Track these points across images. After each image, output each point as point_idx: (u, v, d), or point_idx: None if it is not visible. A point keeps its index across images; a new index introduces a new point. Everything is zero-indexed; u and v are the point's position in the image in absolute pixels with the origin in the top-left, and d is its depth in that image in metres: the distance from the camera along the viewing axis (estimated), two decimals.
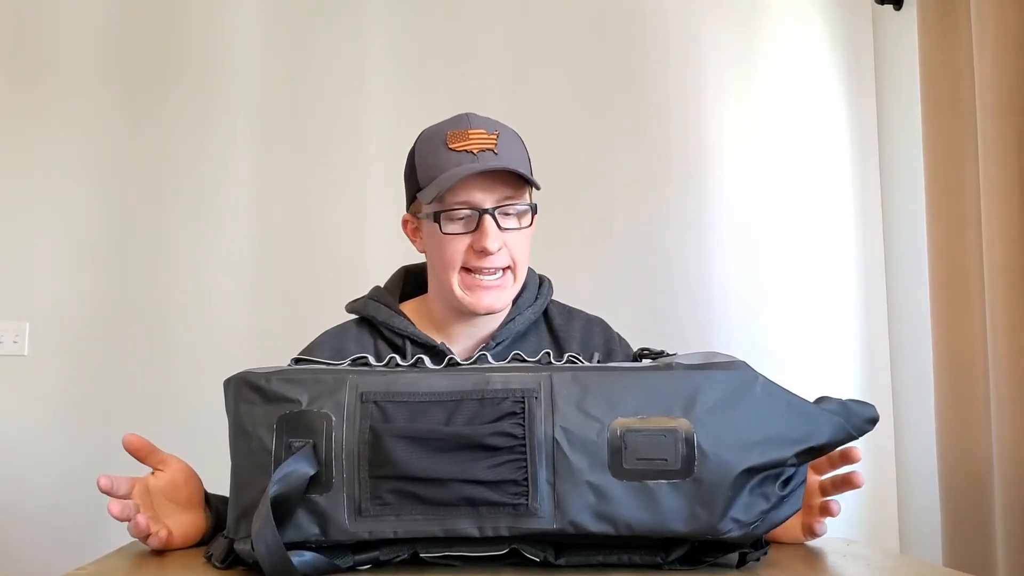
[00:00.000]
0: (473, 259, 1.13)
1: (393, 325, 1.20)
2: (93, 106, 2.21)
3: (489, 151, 1.11)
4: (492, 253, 1.11)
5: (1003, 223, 1.53)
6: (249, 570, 0.80)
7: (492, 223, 1.11)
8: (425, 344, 1.18)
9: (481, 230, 1.11)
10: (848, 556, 0.95)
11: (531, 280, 1.26)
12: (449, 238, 1.13)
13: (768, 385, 0.82)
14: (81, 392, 2.12)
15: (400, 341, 1.19)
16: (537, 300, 1.24)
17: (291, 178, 2.19)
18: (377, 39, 2.23)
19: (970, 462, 1.67)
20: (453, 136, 1.13)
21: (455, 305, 1.16)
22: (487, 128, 1.14)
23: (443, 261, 1.14)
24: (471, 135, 1.12)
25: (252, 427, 0.81)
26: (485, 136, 1.13)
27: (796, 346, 2.08)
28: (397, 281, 1.28)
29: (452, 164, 1.11)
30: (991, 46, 1.57)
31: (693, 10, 2.22)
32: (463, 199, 1.11)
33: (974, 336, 1.69)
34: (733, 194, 2.15)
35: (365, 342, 1.21)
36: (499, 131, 1.15)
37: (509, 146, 1.14)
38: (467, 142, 1.11)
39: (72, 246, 2.17)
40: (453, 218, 1.12)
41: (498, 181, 1.12)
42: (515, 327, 1.20)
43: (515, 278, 1.17)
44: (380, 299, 1.24)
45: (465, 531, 0.78)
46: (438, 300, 1.21)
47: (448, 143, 1.12)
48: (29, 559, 2.05)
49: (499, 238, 1.12)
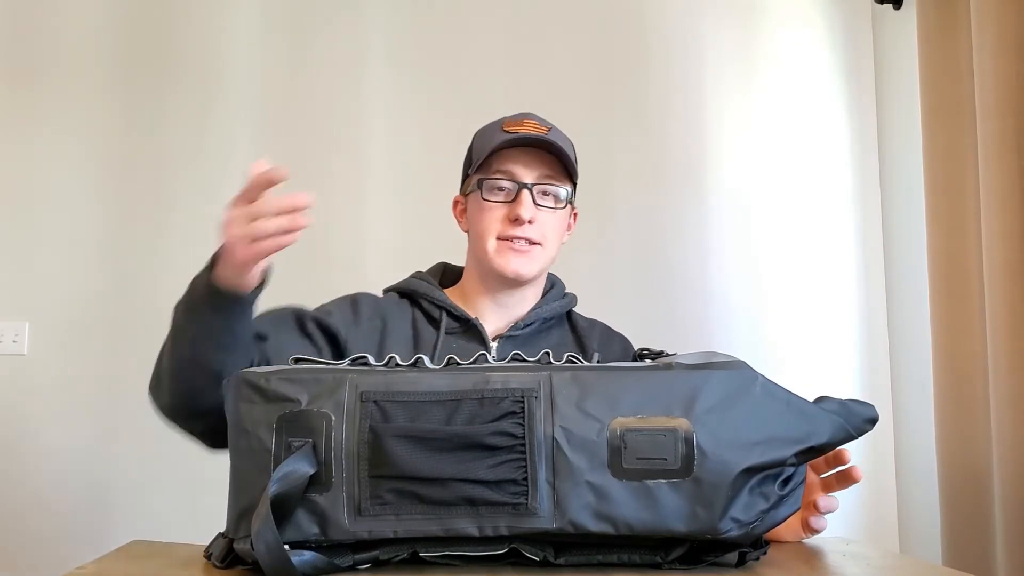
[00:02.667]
0: (507, 228, 1.22)
1: (433, 296, 1.27)
2: (93, 106, 2.21)
3: (540, 135, 1.21)
4: (525, 222, 1.20)
5: (1003, 223, 1.53)
6: (249, 570, 0.80)
7: (528, 196, 1.21)
8: (460, 317, 1.25)
9: (518, 200, 1.21)
10: (848, 555, 0.95)
11: (559, 284, 1.35)
12: (488, 205, 1.23)
13: (768, 385, 0.82)
14: (81, 392, 2.12)
15: (437, 312, 1.26)
16: (563, 299, 1.32)
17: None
18: (377, 39, 2.23)
19: (970, 462, 1.67)
20: (509, 122, 1.25)
21: (489, 271, 1.24)
22: (541, 122, 1.25)
23: (480, 228, 1.24)
24: (527, 122, 1.24)
25: (251, 426, 0.81)
26: (539, 126, 1.24)
27: (796, 346, 2.08)
28: (436, 270, 1.36)
29: (502, 139, 1.21)
30: (991, 46, 1.57)
31: (693, 10, 2.22)
32: (506, 168, 1.22)
33: (974, 336, 1.69)
34: (733, 194, 2.15)
35: (404, 312, 1.27)
36: (553, 127, 1.26)
37: (559, 137, 1.25)
38: (521, 126, 1.23)
39: (72, 246, 2.17)
40: (494, 187, 1.23)
41: (541, 162, 1.23)
42: (542, 313, 1.27)
43: (542, 254, 1.24)
44: (422, 277, 1.32)
45: (465, 530, 0.78)
46: (473, 274, 1.29)
47: (504, 126, 1.24)
48: (29, 559, 2.05)
49: (532, 210, 1.21)
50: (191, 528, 1.06)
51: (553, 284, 1.34)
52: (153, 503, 2.04)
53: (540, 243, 1.23)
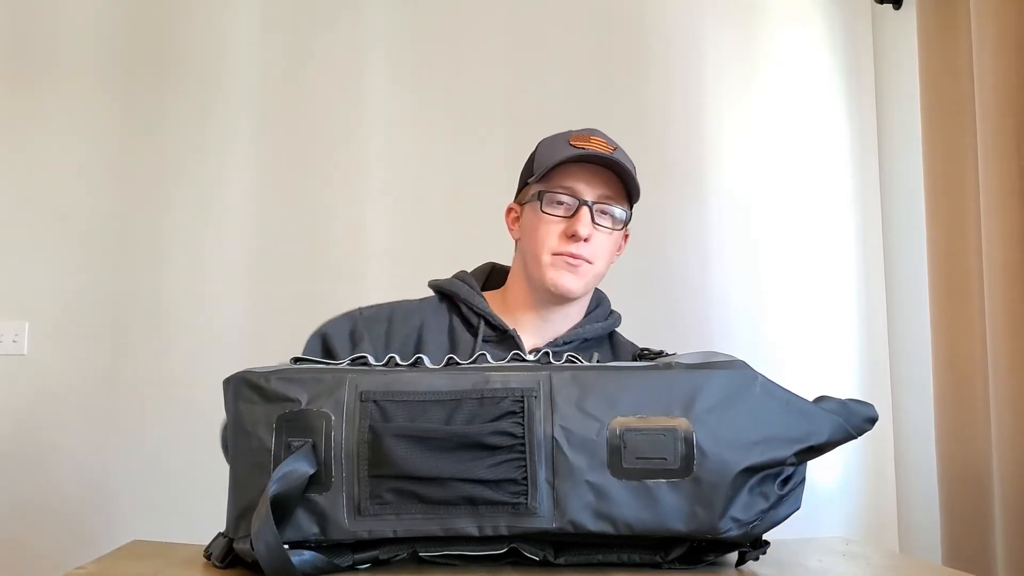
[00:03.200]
0: (563, 243, 1.20)
1: (473, 303, 1.25)
2: (93, 106, 2.21)
3: (606, 154, 1.20)
4: (582, 239, 1.19)
5: (1003, 223, 1.53)
6: (249, 569, 0.80)
7: (588, 214, 1.20)
8: (498, 327, 1.24)
9: (577, 217, 1.20)
10: (847, 555, 0.95)
11: (605, 303, 1.33)
12: (547, 218, 1.21)
13: (767, 384, 0.82)
14: (81, 392, 2.12)
15: (476, 320, 1.25)
16: (607, 319, 1.30)
17: (290, 178, 2.19)
18: (377, 41, 2.23)
19: (969, 461, 1.67)
20: (577, 136, 1.23)
21: (537, 284, 1.22)
22: (609, 141, 1.23)
23: (535, 241, 1.22)
24: (593, 139, 1.22)
25: (251, 426, 0.81)
26: (605, 144, 1.22)
27: (796, 346, 2.08)
28: (483, 271, 1.35)
29: (568, 154, 1.20)
30: (991, 46, 1.57)
31: (693, 10, 2.22)
32: (568, 184, 1.21)
33: (974, 336, 1.69)
34: (733, 194, 2.15)
35: (441, 316, 1.26)
36: (618, 146, 1.24)
37: (624, 157, 1.23)
38: (588, 143, 1.21)
39: (72, 246, 2.17)
40: (554, 201, 1.21)
41: (603, 181, 1.21)
42: (583, 333, 1.26)
43: (593, 273, 1.23)
44: (464, 280, 1.30)
45: (464, 530, 0.78)
46: (519, 286, 1.27)
47: (570, 140, 1.22)
48: (29, 558, 2.04)
49: (590, 228, 1.20)
50: (191, 528, 1.06)
51: (599, 303, 1.32)
52: (153, 503, 2.03)
53: (592, 262, 1.22)
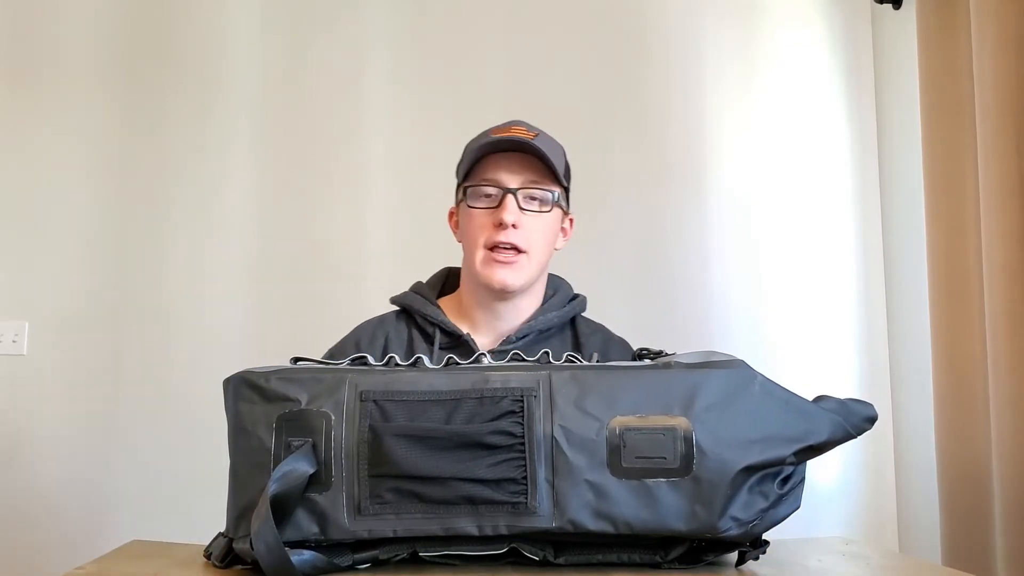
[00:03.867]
0: (493, 233, 1.20)
1: (426, 313, 1.27)
2: (93, 106, 2.21)
3: (522, 139, 1.20)
4: (509, 226, 1.19)
5: (1003, 223, 1.53)
6: (248, 569, 0.80)
7: (512, 200, 1.20)
8: (452, 333, 1.25)
9: (502, 205, 1.20)
10: (847, 555, 0.95)
11: (563, 290, 1.33)
12: (475, 212, 1.22)
13: (767, 384, 0.82)
14: (80, 392, 2.12)
15: (431, 329, 1.26)
16: (565, 308, 1.29)
17: (290, 178, 2.19)
18: (377, 41, 2.23)
19: (969, 461, 1.67)
20: (497, 128, 1.24)
21: (477, 283, 1.24)
22: (530, 128, 1.24)
23: (469, 237, 1.24)
24: (513, 129, 1.23)
25: (251, 426, 0.81)
26: (526, 131, 1.23)
27: (796, 346, 2.08)
28: (439, 278, 1.36)
29: (486, 146, 1.21)
30: (991, 46, 1.57)
31: (693, 10, 2.22)
32: (490, 176, 1.22)
33: (973, 336, 1.69)
34: (733, 194, 2.15)
35: (401, 330, 1.28)
36: (540, 132, 1.24)
37: (546, 142, 1.23)
38: (508, 132, 1.22)
39: (72, 246, 2.17)
40: (480, 193, 1.22)
41: (527, 167, 1.21)
42: (536, 325, 1.25)
43: (530, 262, 1.22)
44: (419, 291, 1.31)
45: (464, 530, 0.78)
46: (467, 287, 1.28)
47: (491, 133, 1.23)
48: (29, 558, 2.05)
49: (516, 214, 1.20)
50: (191, 528, 1.06)
51: (556, 290, 1.31)
52: (153, 503, 2.03)
53: (526, 251, 1.21)
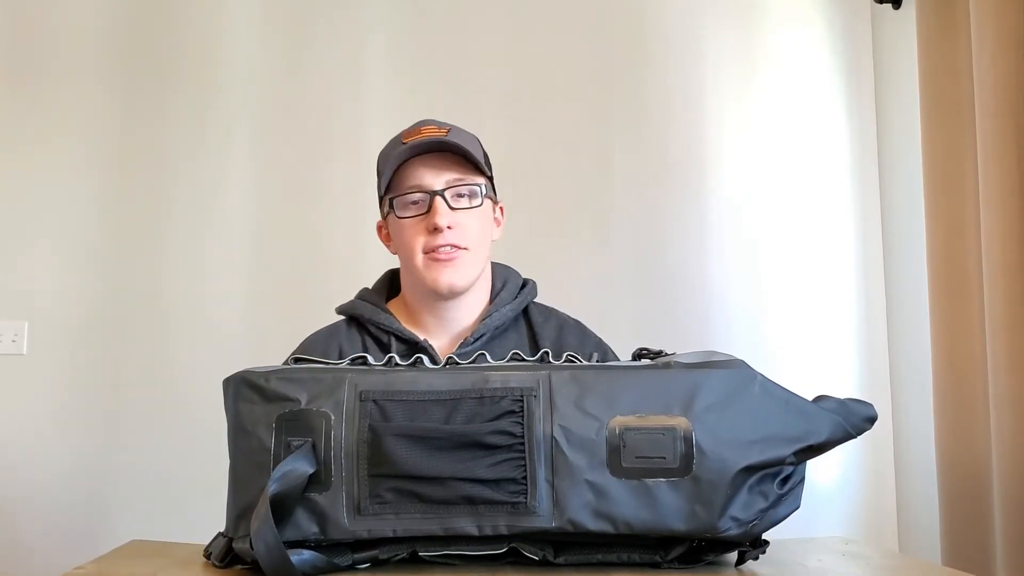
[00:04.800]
0: (430, 239, 1.18)
1: (379, 321, 1.23)
2: (92, 106, 2.21)
3: (438, 138, 1.18)
4: (444, 229, 1.16)
5: (1002, 223, 1.53)
6: (248, 569, 0.80)
7: (442, 202, 1.17)
8: (408, 340, 1.21)
9: (433, 210, 1.17)
10: (847, 555, 0.95)
11: (512, 280, 1.29)
12: (406, 223, 1.19)
13: (766, 384, 0.82)
14: (80, 392, 2.12)
15: (385, 337, 1.22)
16: (516, 299, 1.26)
17: (290, 178, 2.19)
18: (376, 39, 2.23)
19: (969, 461, 1.67)
20: (407, 133, 1.21)
21: (424, 289, 1.20)
22: (439, 125, 1.21)
23: (406, 249, 1.20)
24: (424, 130, 1.20)
25: (251, 426, 0.81)
26: (436, 130, 1.20)
27: (795, 346, 2.08)
28: (384, 282, 1.32)
29: (402, 153, 1.18)
30: (990, 45, 1.57)
31: (693, 10, 2.22)
32: (414, 183, 1.18)
33: (973, 336, 1.69)
34: (733, 194, 2.15)
35: (354, 340, 1.24)
36: (451, 127, 1.21)
37: (459, 135, 1.20)
38: (419, 135, 1.19)
39: (72, 246, 2.17)
40: (407, 203, 1.19)
41: (446, 165, 1.19)
42: (492, 323, 1.22)
43: (472, 259, 1.20)
44: (367, 299, 1.27)
45: (464, 530, 0.78)
46: (411, 293, 1.25)
47: (402, 139, 1.20)
48: (29, 558, 2.04)
49: (449, 216, 1.17)
50: (191, 528, 1.06)
51: (505, 282, 1.28)
52: (153, 503, 2.03)
53: (466, 247, 1.18)
